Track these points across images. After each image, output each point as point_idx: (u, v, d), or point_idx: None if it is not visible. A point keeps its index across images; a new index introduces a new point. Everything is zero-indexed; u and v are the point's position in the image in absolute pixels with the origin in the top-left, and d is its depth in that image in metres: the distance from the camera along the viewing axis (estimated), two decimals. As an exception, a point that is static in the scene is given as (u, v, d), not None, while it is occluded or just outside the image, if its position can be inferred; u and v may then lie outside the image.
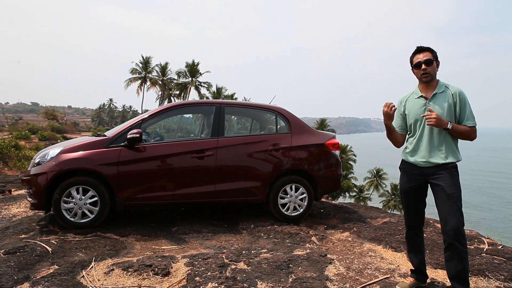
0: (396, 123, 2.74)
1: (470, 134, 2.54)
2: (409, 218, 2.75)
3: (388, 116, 2.59)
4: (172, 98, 46.37)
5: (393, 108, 2.56)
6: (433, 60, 2.55)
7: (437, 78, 2.61)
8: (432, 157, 2.54)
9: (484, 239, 4.10)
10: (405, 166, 2.71)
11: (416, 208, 2.71)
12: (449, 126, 2.47)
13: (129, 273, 2.86)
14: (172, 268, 2.97)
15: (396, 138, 2.74)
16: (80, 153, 4.01)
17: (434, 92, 2.57)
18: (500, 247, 3.80)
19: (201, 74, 46.71)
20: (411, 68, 2.66)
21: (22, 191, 6.10)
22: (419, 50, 2.59)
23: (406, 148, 2.73)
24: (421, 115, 2.56)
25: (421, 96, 2.61)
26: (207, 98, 43.83)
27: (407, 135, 2.76)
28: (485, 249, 3.68)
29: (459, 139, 2.59)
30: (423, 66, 2.54)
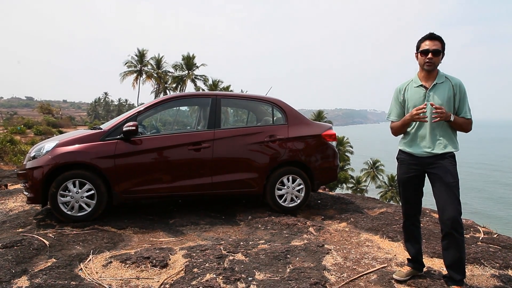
0: (395, 112, 2.70)
1: (468, 126, 2.55)
2: (406, 208, 2.76)
3: (414, 119, 2.51)
4: (168, 91, 46.18)
5: (422, 116, 2.46)
6: (441, 51, 2.49)
7: (437, 68, 2.57)
8: (430, 147, 2.53)
9: (479, 227, 4.14)
10: (403, 156, 2.69)
11: (414, 198, 2.72)
12: (452, 118, 2.45)
13: (127, 265, 2.87)
14: (170, 260, 2.98)
15: (404, 130, 2.66)
16: (76, 146, 3.98)
17: (435, 82, 2.53)
18: (495, 235, 3.84)
19: (197, 67, 46.52)
20: (415, 52, 2.58)
21: (19, 185, 6.07)
22: (431, 37, 2.49)
23: (403, 138, 2.70)
24: (432, 111, 2.44)
25: (421, 85, 2.57)
26: (204, 90, 43.67)
27: None
28: (480, 238, 3.71)
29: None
30: (430, 55, 2.47)
